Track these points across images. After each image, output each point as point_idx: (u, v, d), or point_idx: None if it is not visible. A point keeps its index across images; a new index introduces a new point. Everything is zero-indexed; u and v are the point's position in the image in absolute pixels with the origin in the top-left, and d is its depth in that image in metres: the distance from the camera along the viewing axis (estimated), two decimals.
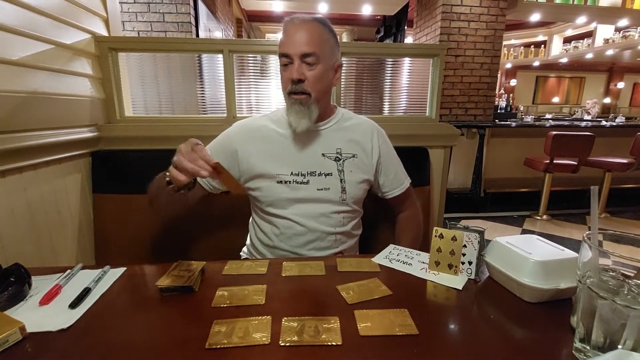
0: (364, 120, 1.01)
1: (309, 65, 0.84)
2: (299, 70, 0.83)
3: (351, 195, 0.93)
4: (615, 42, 5.78)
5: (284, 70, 0.87)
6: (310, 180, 0.91)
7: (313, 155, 0.92)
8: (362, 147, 0.96)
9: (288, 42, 0.84)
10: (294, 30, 0.84)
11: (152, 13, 3.06)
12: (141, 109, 1.35)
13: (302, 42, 0.83)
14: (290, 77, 0.84)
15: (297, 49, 0.83)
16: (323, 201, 0.91)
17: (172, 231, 1.17)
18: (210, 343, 0.47)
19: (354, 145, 0.95)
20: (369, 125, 1.00)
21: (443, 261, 0.68)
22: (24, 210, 0.89)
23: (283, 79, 0.88)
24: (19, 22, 0.88)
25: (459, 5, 3.53)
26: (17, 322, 0.49)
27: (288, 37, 0.85)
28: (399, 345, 0.47)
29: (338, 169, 0.92)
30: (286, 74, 0.86)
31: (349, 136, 0.95)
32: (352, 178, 0.93)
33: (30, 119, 0.91)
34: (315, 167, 0.91)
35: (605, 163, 3.32)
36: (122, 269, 0.69)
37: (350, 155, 0.94)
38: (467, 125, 3.49)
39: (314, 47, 0.83)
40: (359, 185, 0.94)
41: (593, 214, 0.46)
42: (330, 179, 0.91)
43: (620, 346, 0.41)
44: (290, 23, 0.86)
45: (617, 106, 9.09)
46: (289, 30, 0.85)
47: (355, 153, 0.95)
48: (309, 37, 0.84)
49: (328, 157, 0.93)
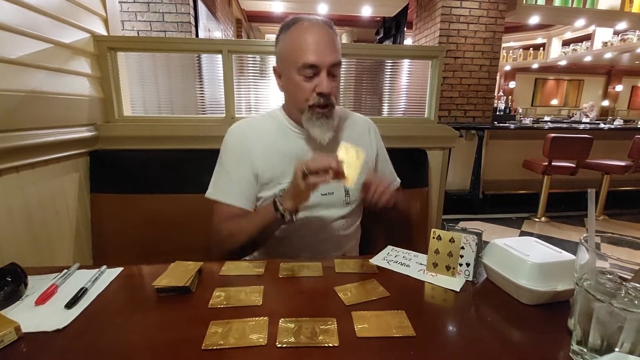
0: (359, 118, 1.00)
1: (333, 76, 0.81)
2: (329, 84, 0.79)
3: (354, 197, 0.91)
4: (614, 45, 5.80)
5: (304, 81, 0.80)
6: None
7: None
8: (361, 145, 0.93)
9: (314, 50, 0.77)
10: (318, 38, 0.78)
11: (152, 13, 3.06)
12: (140, 108, 1.35)
13: (328, 51, 0.78)
14: (322, 91, 0.79)
15: (327, 59, 0.77)
16: (328, 206, 0.89)
17: (169, 231, 1.17)
18: (206, 344, 0.47)
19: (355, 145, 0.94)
20: (364, 123, 0.99)
21: (441, 263, 0.67)
22: (21, 209, 0.89)
23: (302, 89, 0.81)
24: (17, 20, 0.88)
25: (459, 8, 3.54)
26: (12, 322, 0.48)
27: (313, 45, 0.77)
28: (396, 347, 0.47)
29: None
30: (309, 86, 0.80)
31: (348, 136, 0.93)
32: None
33: (28, 118, 0.91)
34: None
35: (604, 165, 3.33)
36: (119, 269, 0.69)
37: None
38: (466, 127, 3.50)
39: (339, 54, 0.80)
40: (361, 185, 0.92)
41: (590, 217, 0.46)
42: (334, 182, 0.89)
43: (618, 349, 0.41)
44: (305, 25, 0.80)
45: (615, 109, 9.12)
46: (310, 35, 0.78)
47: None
48: (334, 45, 0.79)
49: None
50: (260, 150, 0.87)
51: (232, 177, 0.87)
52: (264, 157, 0.87)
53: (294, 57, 0.79)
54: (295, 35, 0.80)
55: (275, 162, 0.87)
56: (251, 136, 0.89)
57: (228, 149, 0.89)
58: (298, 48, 0.78)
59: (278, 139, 0.89)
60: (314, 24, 0.80)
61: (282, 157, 0.87)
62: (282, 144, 0.89)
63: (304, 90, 0.81)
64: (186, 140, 1.24)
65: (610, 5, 4.36)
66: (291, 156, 0.87)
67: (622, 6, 4.33)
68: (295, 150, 0.89)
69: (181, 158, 1.21)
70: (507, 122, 4.38)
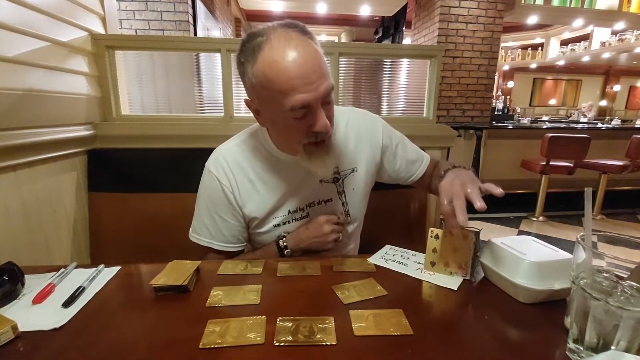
0: (351, 116, 0.86)
1: (327, 102, 0.66)
2: (325, 116, 0.65)
3: (355, 215, 0.86)
4: (612, 45, 5.82)
5: (296, 121, 0.65)
6: (310, 212, 0.81)
7: (310, 186, 0.80)
8: (361, 152, 0.84)
9: (302, 86, 0.60)
10: (303, 65, 0.60)
11: (150, 11, 3.05)
12: (138, 107, 1.34)
13: (319, 78, 0.62)
14: (320, 130, 0.65)
15: (319, 92, 0.62)
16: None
17: (167, 230, 1.17)
18: (204, 343, 0.47)
19: (352, 155, 0.83)
20: (362, 124, 0.86)
21: (439, 262, 0.68)
22: (18, 208, 0.89)
23: (295, 130, 0.67)
24: (15, 19, 0.87)
25: (457, 7, 3.54)
26: (9, 321, 0.48)
27: (297, 77, 0.60)
28: (393, 345, 0.47)
29: (338, 190, 0.82)
30: (302, 125, 0.66)
31: (344, 146, 0.82)
32: (354, 196, 0.84)
33: (25, 117, 0.91)
34: (314, 196, 0.81)
35: (601, 165, 3.35)
36: (117, 268, 0.69)
37: (349, 171, 0.83)
38: (465, 127, 3.51)
39: (329, 76, 0.65)
40: (362, 202, 0.87)
41: (587, 216, 0.46)
42: (331, 204, 0.82)
43: (614, 347, 0.41)
44: (286, 52, 0.60)
45: (613, 109, 9.17)
46: (292, 66, 0.60)
47: (354, 166, 0.83)
48: (322, 67, 0.63)
49: (326, 182, 0.81)
50: (245, 191, 0.77)
51: (220, 223, 0.79)
52: (250, 197, 0.78)
53: (278, 99, 0.62)
54: (269, 66, 0.61)
55: (266, 198, 0.78)
56: (233, 178, 0.77)
57: (211, 194, 0.78)
58: (280, 88, 0.61)
59: (266, 172, 0.78)
60: (289, 41, 0.61)
61: (272, 191, 0.78)
62: (272, 176, 0.78)
63: (297, 131, 0.67)
64: (184, 139, 1.24)
65: (609, 5, 4.38)
66: (285, 188, 0.79)
67: (620, 6, 4.35)
68: (289, 180, 0.79)
69: (179, 157, 1.21)
70: (505, 121, 4.40)
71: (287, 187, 0.79)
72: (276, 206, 0.79)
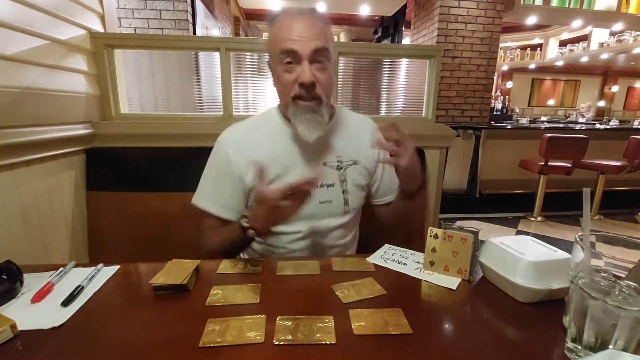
0: (364, 120, 0.94)
1: (319, 64, 0.73)
2: (311, 72, 0.72)
3: (353, 205, 0.88)
4: (610, 46, 5.84)
5: (285, 71, 0.74)
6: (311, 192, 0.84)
7: (313, 166, 0.83)
8: (363, 151, 0.88)
9: (293, 36, 0.71)
10: (298, 22, 0.72)
11: (149, 10, 3.04)
12: (137, 106, 1.34)
13: (311, 36, 0.71)
14: (302, 81, 0.72)
15: (307, 46, 0.71)
16: (326, 216, 0.85)
17: (166, 229, 1.16)
18: (203, 341, 0.47)
19: (355, 150, 0.88)
20: (369, 126, 0.93)
21: (438, 264, 0.68)
22: (16, 207, 0.88)
23: (284, 81, 0.75)
24: (13, 16, 0.87)
25: (457, 7, 3.54)
26: (8, 320, 0.48)
27: (291, 31, 0.71)
28: (392, 345, 0.47)
29: (340, 178, 0.85)
30: (291, 76, 0.74)
31: (350, 139, 0.88)
32: (354, 187, 0.87)
33: (24, 115, 0.90)
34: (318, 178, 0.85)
35: (599, 165, 3.36)
36: (116, 267, 0.69)
37: (351, 163, 0.87)
38: (463, 127, 3.51)
39: (325, 41, 0.72)
40: (360, 194, 0.89)
41: (585, 216, 0.46)
42: (333, 190, 0.85)
43: (611, 346, 0.41)
44: (289, 14, 0.74)
45: (611, 109, 9.19)
46: (290, 22, 0.72)
47: (357, 159, 0.87)
48: (319, 30, 0.72)
49: (330, 165, 0.85)
50: (249, 160, 0.81)
51: (219, 188, 0.84)
52: (252, 165, 0.81)
53: (274, 46, 0.74)
54: (276, 25, 0.75)
55: (272, 169, 0.81)
56: (242, 148, 0.83)
57: (217, 161, 0.84)
58: (278, 37, 0.73)
59: (272, 143, 0.83)
60: (297, 11, 0.74)
61: (274, 161, 0.82)
62: (276, 147, 0.83)
63: (286, 82, 0.75)
64: (183, 138, 1.24)
65: (607, 6, 4.39)
66: (287, 161, 0.82)
67: (619, 7, 4.36)
68: (292, 154, 0.83)
69: (178, 156, 1.21)
70: (504, 122, 4.40)
71: (289, 161, 0.82)
72: (276, 178, 0.81)
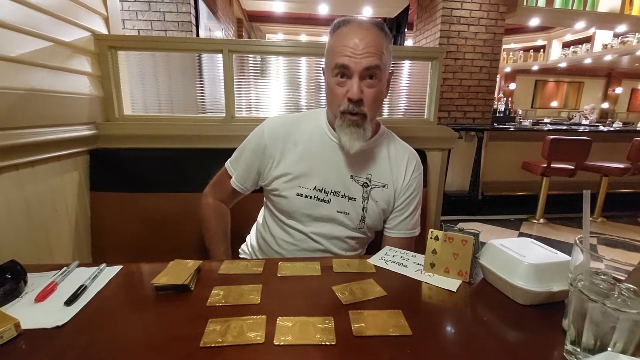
0: (407, 149, 0.93)
1: (369, 81, 0.76)
2: (360, 89, 0.74)
3: (369, 225, 0.88)
4: (614, 47, 5.82)
5: (337, 85, 0.77)
6: (332, 199, 0.85)
7: (341, 175, 0.85)
8: (395, 178, 0.88)
9: (347, 52, 0.73)
10: (355, 37, 0.73)
11: (153, 12, 3.06)
12: (140, 107, 1.35)
13: (365, 53, 0.73)
14: (350, 97, 0.75)
15: (360, 63, 0.73)
16: (340, 224, 0.87)
17: (169, 230, 1.17)
18: (204, 341, 0.47)
19: (387, 174, 0.88)
20: (409, 155, 0.92)
21: (438, 267, 0.68)
22: (20, 207, 0.89)
23: (335, 93, 0.78)
24: (18, 18, 0.88)
25: (459, 9, 3.54)
26: (12, 319, 0.49)
27: (347, 45, 0.73)
28: (392, 346, 0.47)
29: (363, 195, 0.86)
30: (341, 90, 0.76)
31: (387, 162, 0.88)
32: (375, 209, 0.87)
33: (28, 116, 0.91)
34: (341, 187, 0.85)
35: (602, 168, 3.34)
36: (119, 267, 0.69)
37: (380, 185, 0.87)
38: (466, 129, 3.50)
39: (378, 59, 0.74)
40: (379, 217, 0.89)
41: (585, 218, 0.46)
42: (353, 204, 0.86)
43: (610, 348, 0.41)
44: (349, 26, 0.75)
45: (614, 111, 9.14)
46: (347, 36, 0.74)
47: (387, 183, 0.88)
48: (374, 47, 0.73)
49: (356, 180, 0.86)
50: (289, 151, 0.86)
51: (241, 158, 0.91)
52: (291, 157, 0.86)
53: (330, 58, 0.78)
54: (335, 36, 0.77)
55: (300, 163, 0.85)
56: (280, 132, 0.87)
57: (253, 134, 0.91)
58: (334, 49, 0.76)
59: (308, 141, 0.87)
60: (359, 24, 0.76)
61: (310, 159, 0.85)
62: (312, 147, 0.86)
63: (337, 95, 0.78)
64: (186, 139, 1.25)
65: (611, 8, 4.37)
66: (318, 162, 0.85)
67: (622, 9, 4.34)
68: (324, 158, 0.86)
69: (181, 157, 1.21)
70: (506, 123, 4.39)
71: (320, 163, 0.85)
72: (304, 174, 0.85)
